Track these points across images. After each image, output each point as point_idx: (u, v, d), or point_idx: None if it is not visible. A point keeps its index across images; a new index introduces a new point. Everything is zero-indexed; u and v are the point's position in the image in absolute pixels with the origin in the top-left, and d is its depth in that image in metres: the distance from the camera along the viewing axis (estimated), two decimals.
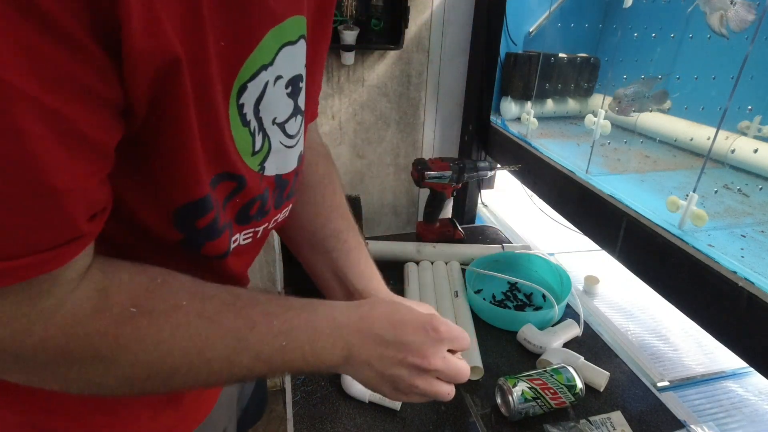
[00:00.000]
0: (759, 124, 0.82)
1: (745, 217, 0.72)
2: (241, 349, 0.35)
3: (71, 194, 0.26)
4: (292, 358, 0.37)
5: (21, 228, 0.25)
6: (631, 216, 0.74)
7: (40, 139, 0.23)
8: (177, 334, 0.33)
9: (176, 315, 0.33)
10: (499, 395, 0.70)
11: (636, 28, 1.02)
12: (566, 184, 0.91)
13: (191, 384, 0.35)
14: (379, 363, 0.41)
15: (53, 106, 0.23)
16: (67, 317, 0.29)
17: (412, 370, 0.41)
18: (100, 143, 0.27)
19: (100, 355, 0.31)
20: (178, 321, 0.33)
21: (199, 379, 0.35)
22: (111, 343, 0.31)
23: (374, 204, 1.46)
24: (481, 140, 1.29)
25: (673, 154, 0.96)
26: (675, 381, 0.79)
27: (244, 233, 0.41)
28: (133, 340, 0.31)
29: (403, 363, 0.41)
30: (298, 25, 0.36)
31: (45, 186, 0.25)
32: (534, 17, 1.19)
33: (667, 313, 0.96)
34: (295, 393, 0.73)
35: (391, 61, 1.27)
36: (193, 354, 0.33)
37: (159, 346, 0.32)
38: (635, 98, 0.87)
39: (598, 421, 0.68)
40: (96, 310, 0.30)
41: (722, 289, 0.60)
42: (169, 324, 0.32)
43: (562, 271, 0.96)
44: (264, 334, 0.36)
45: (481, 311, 0.91)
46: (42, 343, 0.29)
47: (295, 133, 0.41)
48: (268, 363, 0.36)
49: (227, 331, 0.34)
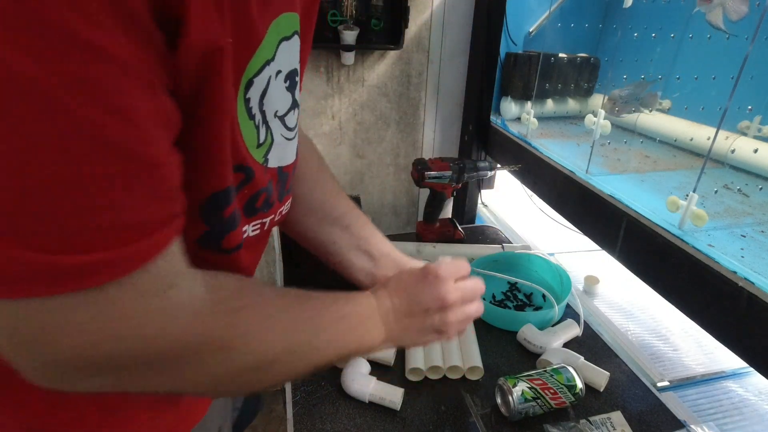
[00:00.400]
0: (759, 124, 0.82)
1: (745, 217, 0.72)
2: (318, 336, 0.40)
3: (167, 167, 0.28)
4: (350, 340, 0.43)
5: (134, 209, 0.26)
6: (631, 216, 0.74)
7: (145, 116, 0.25)
8: (275, 327, 0.37)
9: (269, 310, 0.37)
10: (499, 395, 0.70)
11: (636, 28, 1.02)
12: (566, 184, 0.91)
13: (284, 374, 0.40)
14: (411, 328, 0.48)
15: (153, 90, 0.25)
16: (188, 311, 0.31)
17: (438, 314, 0.49)
18: (176, 124, 0.29)
19: (220, 346, 0.33)
20: (271, 314, 0.37)
21: (291, 367, 0.39)
22: (230, 334, 0.33)
23: (374, 204, 1.46)
24: (481, 140, 1.29)
25: (673, 154, 0.96)
26: (675, 381, 0.79)
27: (253, 225, 0.43)
28: (245, 332, 0.34)
29: (428, 314, 0.48)
30: (292, 21, 0.37)
31: (147, 160, 0.26)
32: (534, 17, 1.19)
33: (667, 313, 0.96)
34: (295, 393, 0.73)
35: (391, 61, 1.27)
36: (287, 343, 0.37)
37: (265, 336, 0.36)
38: (627, 100, 0.87)
39: (598, 421, 0.68)
40: (213, 303, 0.33)
41: (722, 289, 0.60)
42: (267, 318, 0.36)
43: (562, 271, 0.96)
44: (330, 321, 0.41)
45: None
46: (171, 338, 0.30)
47: (294, 125, 0.43)
48: (336, 348, 0.42)
49: (306, 321, 0.39)
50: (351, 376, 0.73)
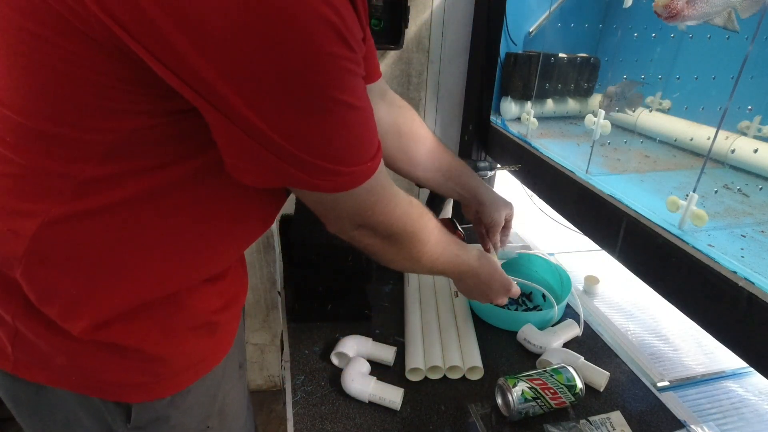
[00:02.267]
0: (759, 124, 0.82)
1: (745, 217, 0.72)
2: (451, 253, 0.66)
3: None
4: (454, 263, 0.68)
5: (373, 137, 0.46)
6: (631, 216, 0.74)
7: (365, 95, 0.43)
8: (435, 248, 0.62)
9: (436, 236, 0.62)
10: (499, 395, 0.70)
11: (636, 28, 1.02)
12: (566, 184, 0.91)
13: (432, 265, 0.64)
14: (475, 290, 0.74)
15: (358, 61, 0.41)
16: (400, 202, 0.54)
17: (492, 300, 0.77)
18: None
19: (414, 237, 0.57)
20: (438, 239, 0.62)
21: (437, 263, 0.64)
22: (416, 232, 0.57)
23: None
24: (481, 140, 1.29)
25: (673, 154, 0.96)
26: (675, 381, 0.79)
27: None
28: (424, 233, 0.59)
29: (486, 298, 0.76)
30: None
31: (372, 115, 0.45)
32: (534, 17, 1.19)
33: (667, 313, 0.96)
34: (295, 393, 0.73)
35: (391, 61, 1.27)
36: (440, 252, 0.63)
37: (428, 241, 0.60)
38: (618, 99, 0.87)
39: (598, 421, 0.68)
40: (409, 203, 0.55)
41: (722, 289, 0.60)
42: (432, 226, 0.60)
43: (562, 271, 0.96)
44: (452, 251, 0.67)
45: (481, 311, 0.91)
46: (399, 219, 0.54)
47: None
48: (451, 263, 0.67)
49: (446, 245, 0.65)
50: (351, 376, 0.73)
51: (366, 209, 0.50)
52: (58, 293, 0.45)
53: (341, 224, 0.52)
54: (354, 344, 0.79)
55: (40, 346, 0.48)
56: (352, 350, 0.78)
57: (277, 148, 0.39)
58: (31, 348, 0.48)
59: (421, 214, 0.58)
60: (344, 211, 0.49)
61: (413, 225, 0.56)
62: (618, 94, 0.87)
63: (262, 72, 0.35)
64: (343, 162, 0.43)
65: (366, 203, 0.49)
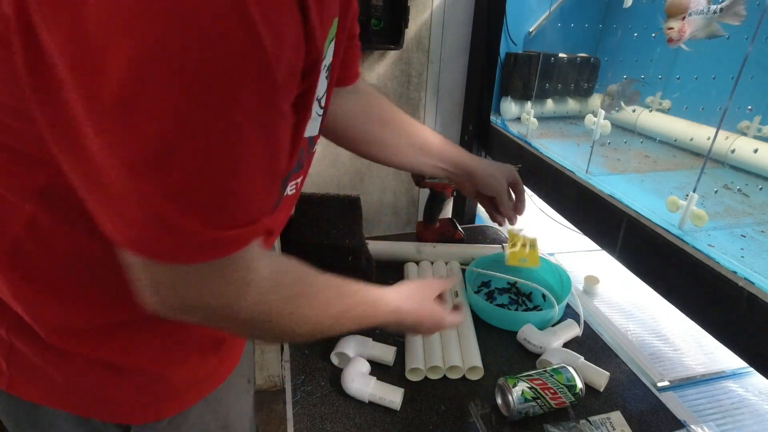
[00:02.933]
0: (759, 124, 0.82)
1: (745, 217, 0.72)
2: (349, 317, 0.51)
3: (281, 178, 0.40)
4: (367, 323, 0.54)
5: (252, 201, 0.35)
6: (631, 216, 0.74)
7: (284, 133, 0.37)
8: (314, 314, 0.46)
9: (313, 301, 0.46)
10: (499, 395, 0.70)
11: (636, 28, 1.02)
12: (566, 184, 0.91)
13: (309, 338, 0.49)
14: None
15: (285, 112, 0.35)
16: (256, 290, 0.39)
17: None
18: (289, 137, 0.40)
19: (269, 319, 0.42)
20: (313, 306, 0.46)
21: (313, 336, 0.49)
22: (281, 317, 0.43)
23: (374, 204, 1.46)
24: (481, 140, 1.29)
25: (673, 154, 0.96)
26: (675, 381, 0.79)
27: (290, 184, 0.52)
28: (296, 315, 0.44)
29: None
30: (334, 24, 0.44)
31: (278, 175, 0.38)
32: (534, 17, 1.19)
33: (667, 313, 0.96)
34: (295, 393, 0.73)
35: (391, 61, 1.27)
36: (330, 322, 0.49)
37: (309, 319, 0.46)
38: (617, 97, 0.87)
39: (598, 421, 0.68)
40: (274, 285, 0.41)
41: (722, 289, 0.60)
42: (310, 307, 0.46)
43: (562, 271, 0.96)
44: (357, 314, 0.52)
45: (481, 311, 0.91)
46: (249, 308, 0.40)
47: (325, 105, 0.52)
48: (358, 324, 0.53)
49: (336, 315, 0.49)
50: (351, 376, 0.73)
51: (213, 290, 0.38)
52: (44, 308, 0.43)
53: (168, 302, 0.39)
54: (354, 344, 0.79)
55: (36, 363, 0.46)
56: (352, 350, 0.78)
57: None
58: (27, 365, 0.46)
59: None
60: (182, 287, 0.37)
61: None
62: (619, 93, 0.87)
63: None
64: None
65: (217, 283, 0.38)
